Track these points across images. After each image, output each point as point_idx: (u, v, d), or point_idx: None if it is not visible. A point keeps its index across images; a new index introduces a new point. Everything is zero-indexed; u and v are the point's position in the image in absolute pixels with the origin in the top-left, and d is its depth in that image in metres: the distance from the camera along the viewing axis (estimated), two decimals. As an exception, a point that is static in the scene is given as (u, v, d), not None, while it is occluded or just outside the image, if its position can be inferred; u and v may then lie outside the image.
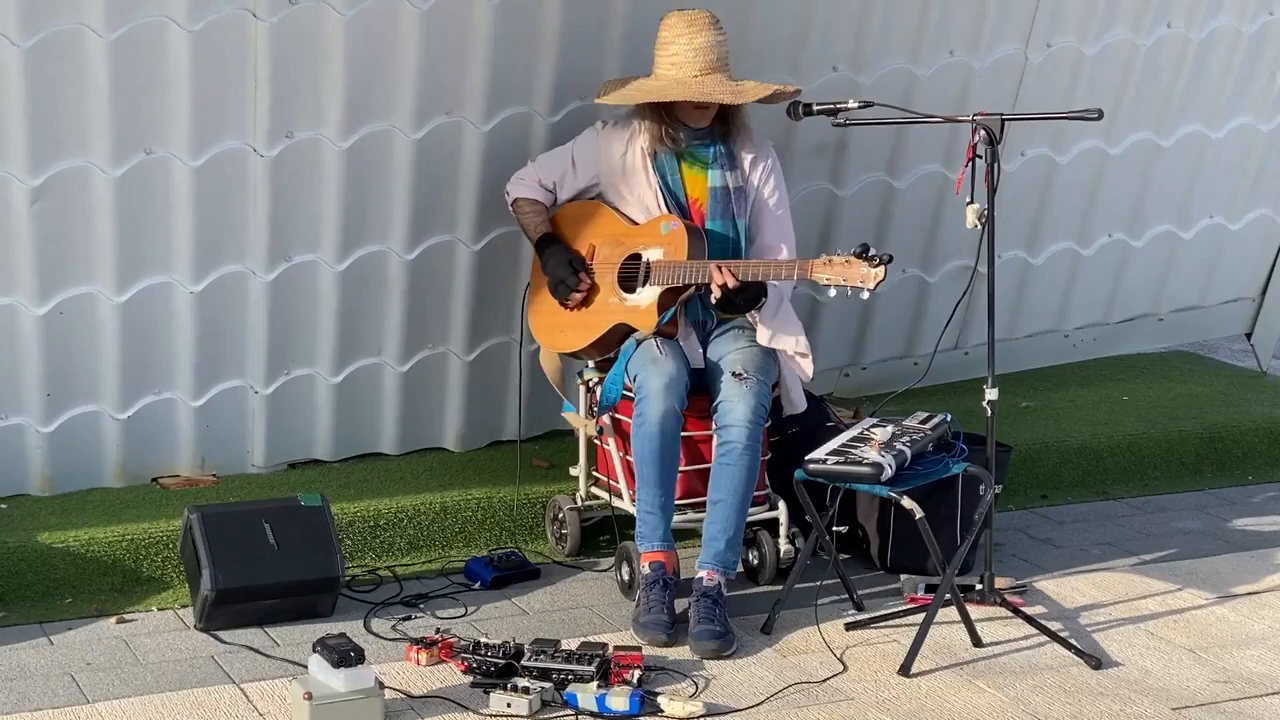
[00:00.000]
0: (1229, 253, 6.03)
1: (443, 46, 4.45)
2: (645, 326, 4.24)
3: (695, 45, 4.21)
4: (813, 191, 5.16)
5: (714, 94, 4.21)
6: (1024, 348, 5.83)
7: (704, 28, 4.23)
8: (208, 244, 4.48)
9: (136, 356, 4.54)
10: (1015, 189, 5.34)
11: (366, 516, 4.52)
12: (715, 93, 4.20)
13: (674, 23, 4.27)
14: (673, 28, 4.26)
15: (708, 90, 4.20)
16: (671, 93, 4.22)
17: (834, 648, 4.01)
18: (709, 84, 4.22)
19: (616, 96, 4.31)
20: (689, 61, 4.22)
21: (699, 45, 4.21)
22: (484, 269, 4.82)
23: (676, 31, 4.25)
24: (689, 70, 4.22)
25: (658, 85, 4.26)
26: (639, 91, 4.27)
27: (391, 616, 4.16)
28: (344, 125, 4.46)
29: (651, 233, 4.29)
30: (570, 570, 4.52)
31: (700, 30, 4.22)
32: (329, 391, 4.80)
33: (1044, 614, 4.24)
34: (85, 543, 4.25)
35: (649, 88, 4.27)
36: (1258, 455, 5.55)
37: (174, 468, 4.72)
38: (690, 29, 4.23)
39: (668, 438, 4.12)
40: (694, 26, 4.23)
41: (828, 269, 4.04)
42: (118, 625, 4.09)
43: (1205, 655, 4.05)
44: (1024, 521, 5.00)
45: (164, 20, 4.17)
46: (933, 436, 4.16)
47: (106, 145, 4.26)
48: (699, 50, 4.21)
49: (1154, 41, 5.43)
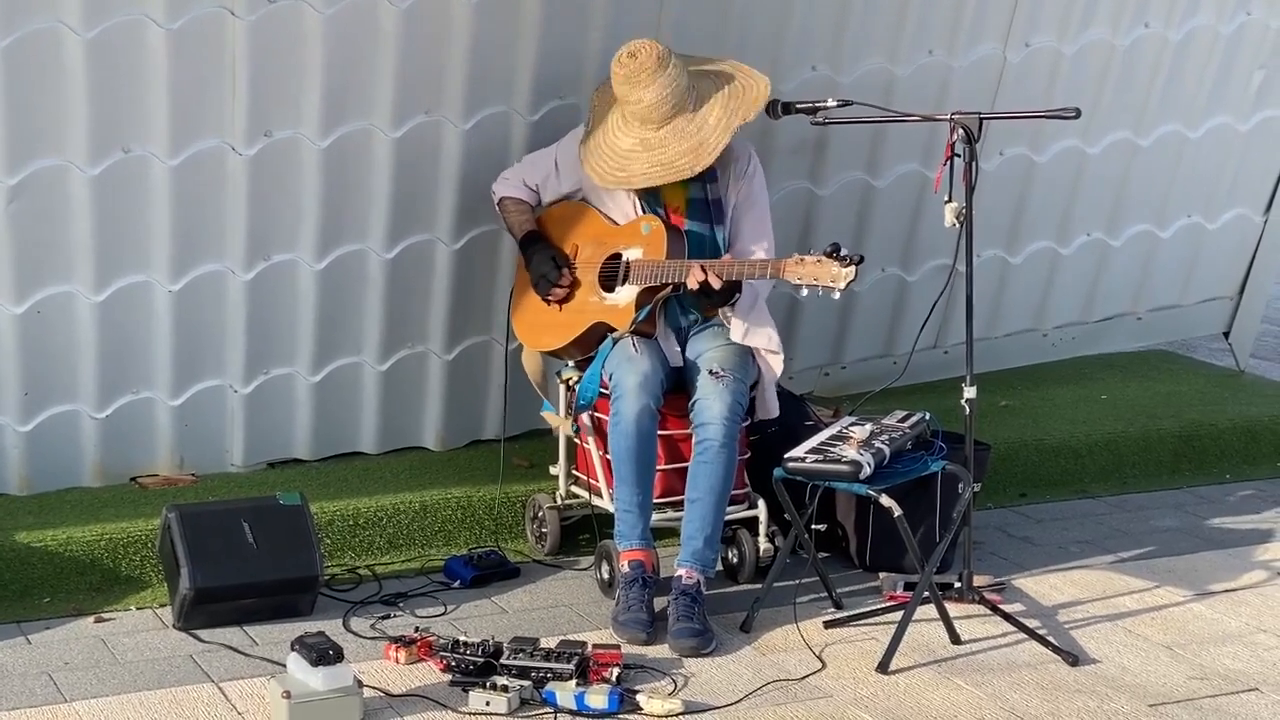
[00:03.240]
0: (1207, 252, 6.05)
1: (422, 45, 4.45)
2: (623, 325, 4.25)
3: (646, 102, 4.15)
4: (792, 191, 5.16)
5: (675, 169, 4.15)
6: (1003, 347, 5.84)
7: (650, 79, 4.13)
8: (186, 243, 4.47)
9: (115, 356, 4.53)
10: (994, 188, 5.36)
11: (346, 515, 4.52)
12: (676, 165, 4.15)
13: (620, 76, 4.17)
14: (620, 83, 4.18)
15: (668, 163, 4.15)
16: (637, 181, 4.19)
17: (813, 645, 4.02)
18: (670, 142, 4.15)
19: (593, 172, 4.25)
20: (645, 119, 4.18)
21: (649, 101, 4.15)
22: (463, 268, 4.81)
23: (626, 89, 4.17)
24: (649, 128, 4.18)
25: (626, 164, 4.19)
26: (610, 176, 4.22)
27: (370, 615, 4.16)
28: (323, 124, 4.45)
29: (632, 233, 4.30)
30: (550, 569, 4.53)
31: (647, 84, 4.14)
32: (308, 391, 4.79)
33: (1022, 611, 4.25)
34: (63, 542, 4.24)
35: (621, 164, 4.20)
36: (1235, 454, 5.57)
37: (153, 467, 4.71)
38: (636, 85, 4.15)
39: (644, 435, 4.13)
40: (639, 82, 4.15)
41: (800, 268, 4.04)
42: (96, 624, 4.08)
43: (1182, 652, 4.06)
44: (1002, 520, 5.01)
45: (142, 18, 4.16)
46: (911, 435, 4.17)
47: (84, 144, 4.25)
48: (651, 106, 4.15)
49: (1132, 41, 5.45)
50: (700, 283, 4.10)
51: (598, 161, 4.27)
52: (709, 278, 4.09)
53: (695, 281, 4.10)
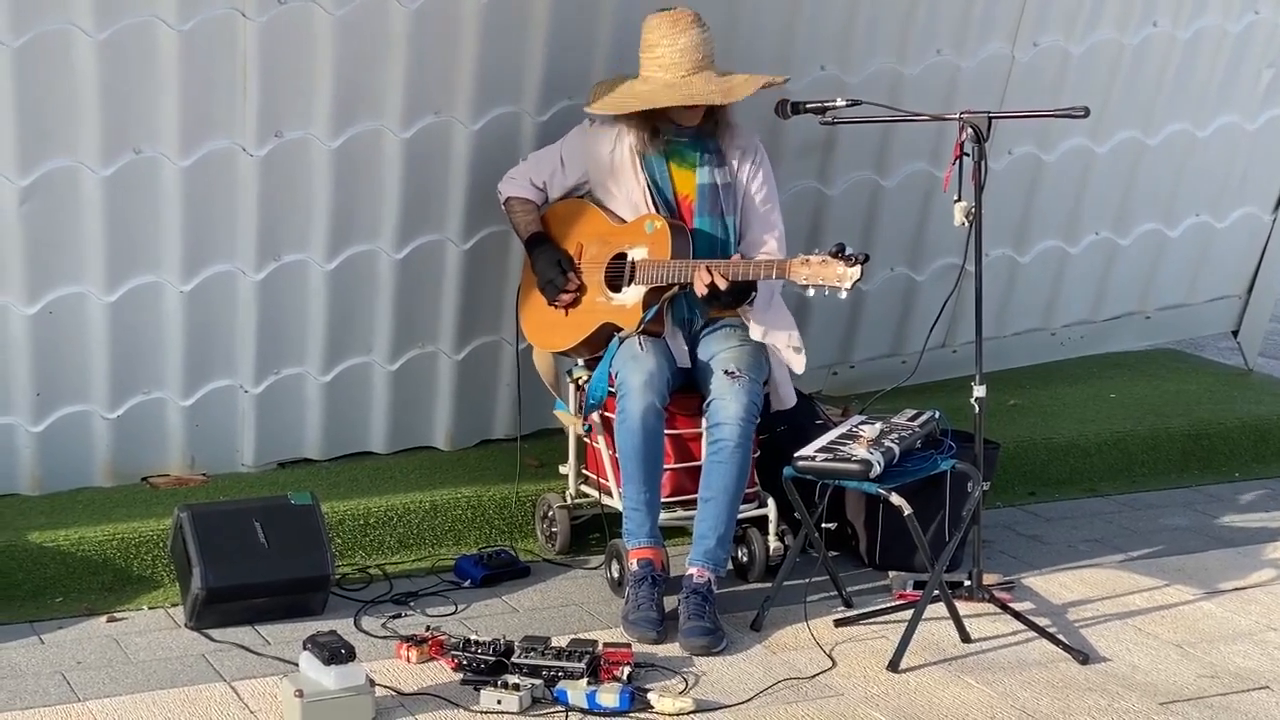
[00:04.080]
0: (1215, 250, 6.05)
1: (431, 46, 4.46)
2: (630, 325, 4.25)
3: (680, 45, 4.22)
4: (801, 190, 5.17)
5: (703, 95, 4.21)
6: (1011, 345, 5.84)
7: (687, 27, 4.23)
8: (197, 243, 4.48)
9: (126, 356, 4.54)
10: (1002, 187, 5.35)
11: (356, 515, 4.53)
12: (704, 93, 4.21)
13: (657, 24, 4.27)
14: (656, 29, 4.27)
15: (696, 91, 4.21)
16: (660, 98, 4.22)
17: (823, 644, 4.03)
18: (697, 83, 4.22)
19: (607, 104, 4.30)
20: (675, 63, 4.23)
21: (683, 45, 4.22)
22: (473, 268, 4.82)
23: (660, 33, 4.25)
24: (676, 71, 4.23)
25: (647, 90, 4.26)
26: (630, 98, 4.28)
27: (382, 614, 4.17)
28: (333, 124, 4.46)
29: (637, 232, 4.30)
30: (560, 568, 4.54)
31: (684, 30, 4.23)
32: (318, 390, 4.80)
33: (1032, 610, 4.25)
34: (75, 542, 4.25)
35: (639, 93, 4.27)
36: (1244, 452, 5.57)
37: (164, 467, 4.72)
38: (674, 29, 4.24)
39: (650, 433, 4.13)
40: (677, 26, 4.24)
41: (805, 268, 4.05)
42: (108, 624, 4.10)
43: (1192, 650, 4.07)
44: (1012, 518, 5.01)
45: (153, 20, 4.18)
46: (921, 434, 4.18)
47: (96, 145, 4.27)
48: (684, 50, 4.22)
49: (1140, 40, 5.45)
50: (708, 286, 4.10)
51: (613, 98, 4.28)
52: (715, 279, 4.09)
53: (703, 286, 4.11)
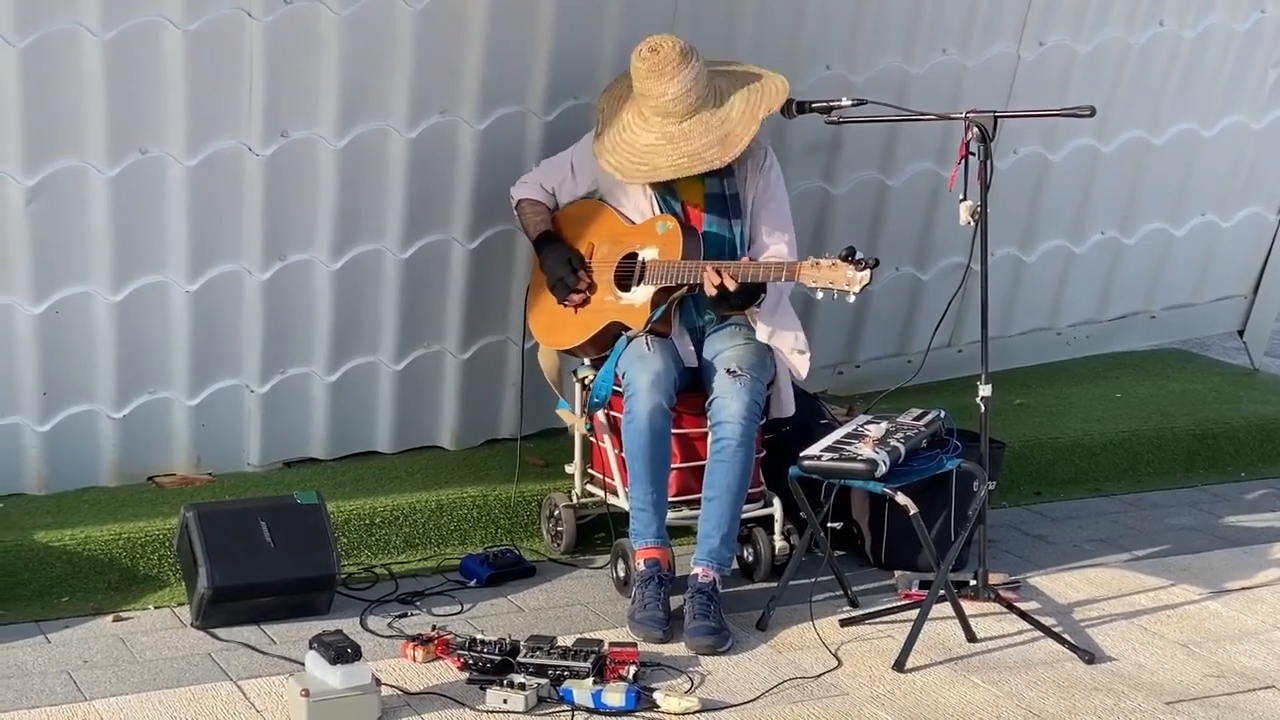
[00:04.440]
0: (1221, 250, 6.04)
1: (437, 46, 4.46)
2: (638, 325, 4.26)
3: (670, 95, 4.16)
4: (807, 190, 5.17)
5: (702, 161, 4.15)
6: (1017, 345, 5.84)
7: (673, 74, 4.14)
8: (203, 243, 4.49)
9: (132, 356, 4.54)
10: (1008, 187, 5.36)
11: (362, 514, 4.53)
12: (703, 159, 4.15)
13: (643, 74, 4.18)
14: (643, 79, 4.18)
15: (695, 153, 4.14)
16: (663, 172, 4.18)
17: (829, 643, 4.03)
18: (695, 134, 4.16)
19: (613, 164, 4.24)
20: (669, 112, 4.18)
21: (673, 94, 4.15)
22: (479, 267, 4.83)
23: (648, 84, 4.17)
24: (671, 121, 4.18)
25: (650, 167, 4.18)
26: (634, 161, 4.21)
27: (387, 614, 4.17)
28: (339, 124, 4.47)
29: (648, 232, 4.30)
30: (566, 568, 4.54)
31: (670, 78, 4.14)
32: (324, 390, 4.81)
33: (1038, 609, 4.25)
34: (82, 541, 4.26)
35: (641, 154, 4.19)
36: (1250, 452, 5.56)
37: (170, 466, 4.73)
38: (660, 79, 4.15)
39: (657, 434, 4.13)
40: (664, 76, 4.15)
41: (814, 272, 4.04)
42: (115, 623, 4.10)
43: (1198, 650, 4.07)
44: (1017, 518, 5.01)
45: (159, 20, 4.18)
46: (927, 433, 4.17)
47: (102, 145, 4.27)
48: (675, 99, 4.16)
49: (1147, 40, 5.45)
50: (717, 287, 4.10)
51: (618, 158, 4.26)
52: (724, 280, 4.09)
53: (712, 286, 4.11)
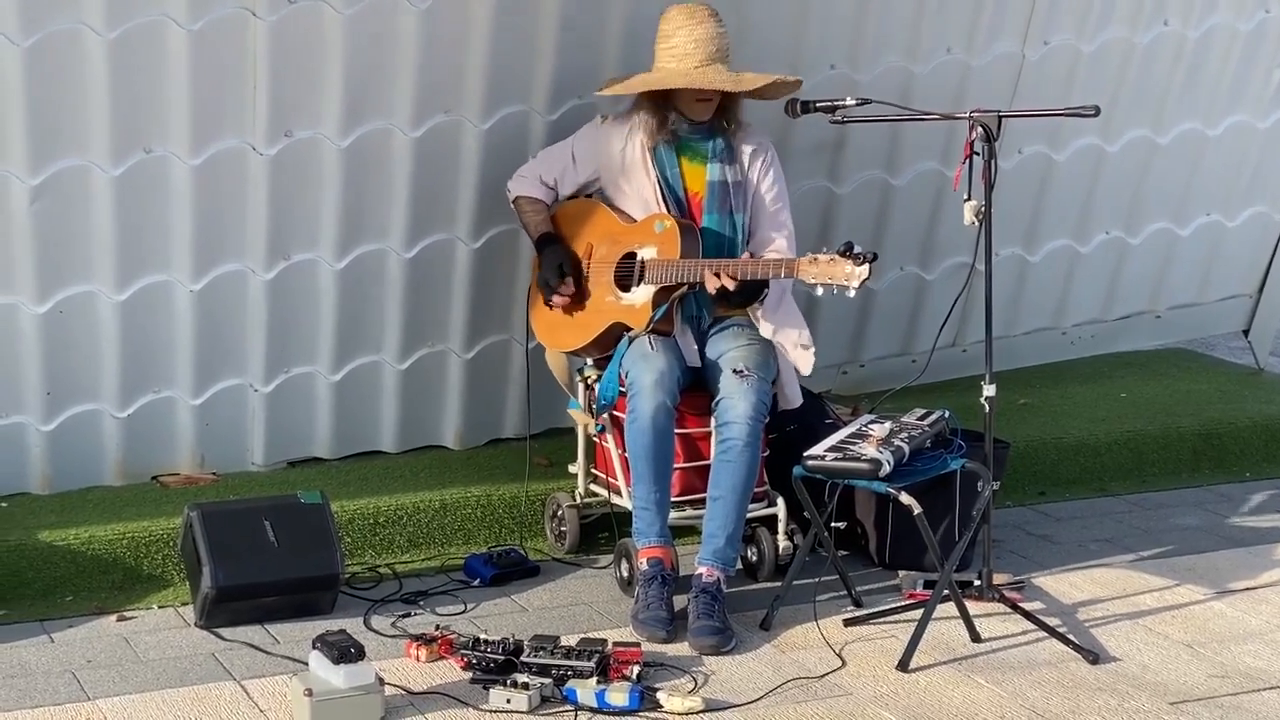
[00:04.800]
0: (1226, 249, 6.04)
1: (441, 45, 4.46)
2: (640, 324, 4.25)
3: (695, 36, 4.24)
4: (811, 189, 5.16)
5: (715, 82, 4.23)
6: (1022, 345, 5.83)
7: (704, 19, 4.26)
8: (207, 242, 4.49)
9: (136, 355, 4.54)
10: (1013, 186, 5.35)
11: (366, 514, 4.53)
12: (716, 81, 4.23)
13: (674, 15, 4.30)
14: (672, 20, 4.29)
15: (708, 79, 4.23)
16: (673, 80, 4.25)
17: (833, 643, 4.02)
18: (710, 74, 4.24)
19: (618, 87, 4.35)
20: (689, 53, 4.24)
21: (699, 36, 4.24)
22: (483, 267, 4.83)
23: (676, 24, 4.28)
24: (690, 62, 4.25)
25: (659, 75, 4.29)
26: (640, 81, 4.31)
27: (391, 614, 4.17)
28: (343, 124, 4.47)
29: (646, 231, 4.30)
30: (570, 567, 4.53)
31: (700, 22, 4.25)
32: (328, 389, 4.81)
33: (1042, 610, 4.24)
34: (85, 541, 4.26)
35: (650, 78, 4.30)
36: (1255, 452, 5.56)
37: (174, 466, 4.73)
38: (690, 20, 4.26)
39: (660, 433, 4.13)
40: (694, 18, 4.26)
41: (813, 267, 4.05)
42: (118, 623, 4.10)
43: (1203, 650, 4.06)
44: (1022, 518, 5.01)
45: (163, 19, 4.18)
46: (931, 433, 4.17)
47: (106, 144, 4.27)
48: (699, 42, 4.24)
49: (1151, 39, 5.44)
50: (718, 287, 4.10)
51: (627, 83, 4.31)
52: (723, 280, 4.09)
53: (714, 286, 4.11)
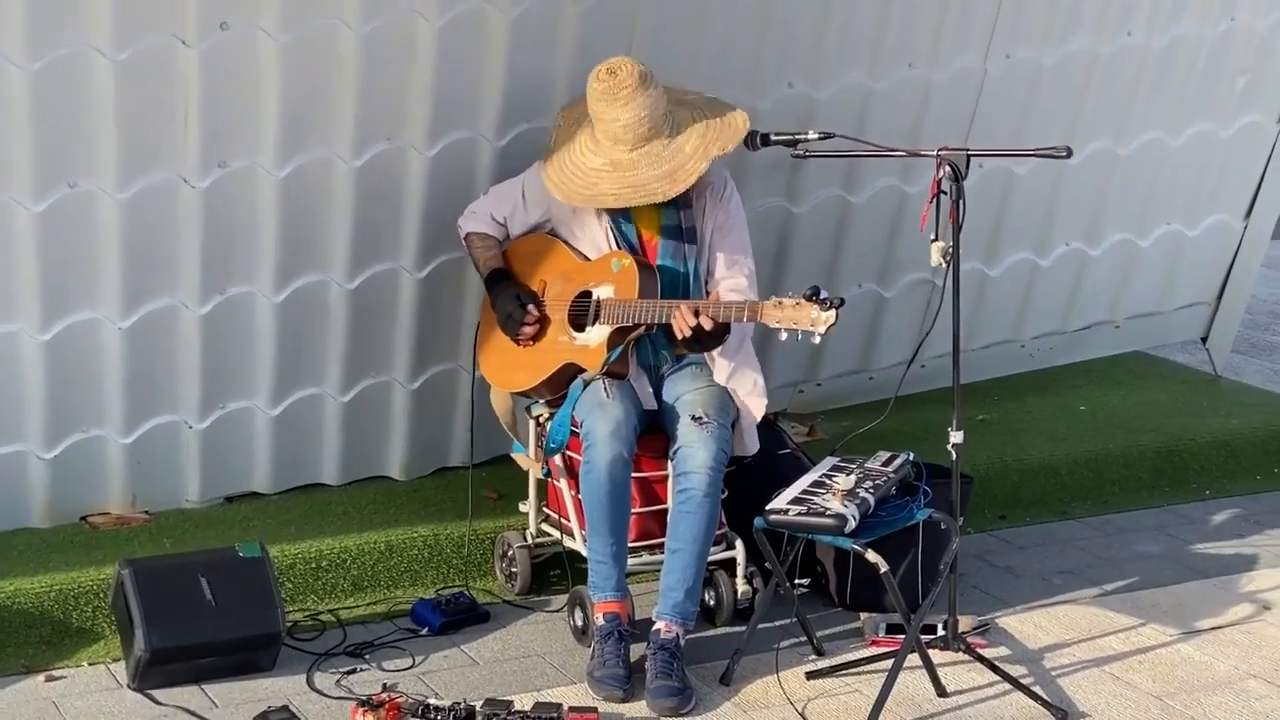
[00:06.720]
0: (1186, 258, 5.94)
1: (383, 71, 4.25)
2: (594, 366, 4.08)
3: (623, 122, 3.98)
4: (768, 208, 5.00)
5: (647, 193, 3.99)
6: (980, 358, 5.71)
7: (628, 99, 3.96)
8: (136, 278, 4.27)
9: (63, 394, 4.33)
10: (973, 201, 5.09)
11: (308, 558, 4.35)
12: (649, 191, 3.98)
13: (598, 94, 4.00)
14: (597, 100, 4.01)
15: (640, 185, 3.98)
16: (607, 199, 4.02)
17: (795, 700, 3.90)
18: (642, 165, 3.99)
19: (558, 187, 4.08)
20: (620, 139, 4.01)
21: (626, 121, 3.98)
22: (429, 296, 4.63)
23: (602, 106, 4.00)
24: (621, 148, 4.01)
25: (589, 192, 4.03)
26: (576, 193, 4.05)
27: (336, 670, 4.00)
28: (280, 153, 4.25)
29: (603, 270, 4.12)
30: (521, 611, 4.38)
31: (625, 103, 3.97)
32: (267, 424, 4.61)
33: (1008, 656, 4.14)
34: (11, 594, 4.05)
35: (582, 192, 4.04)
36: (1214, 468, 5.49)
37: (104, 506, 4.53)
38: (614, 103, 3.98)
39: (617, 484, 3.97)
40: (618, 100, 3.97)
41: (778, 312, 3.89)
42: (47, 683, 3.91)
43: (1172, 702, 3.96)
44: (983, 546, 4.90)
45: (87, 50, 3.94)
46: (895, 480, 4.04)
47: (28, 179, 4.04)
48: (627, 126, 3.98)
49: (1114, 51, 5.30)
50: (692, 328, 3.92)
51: (562, 177, 4.09)
52: (701, 320, 3.92)
53: (686, 327, 3.93)
